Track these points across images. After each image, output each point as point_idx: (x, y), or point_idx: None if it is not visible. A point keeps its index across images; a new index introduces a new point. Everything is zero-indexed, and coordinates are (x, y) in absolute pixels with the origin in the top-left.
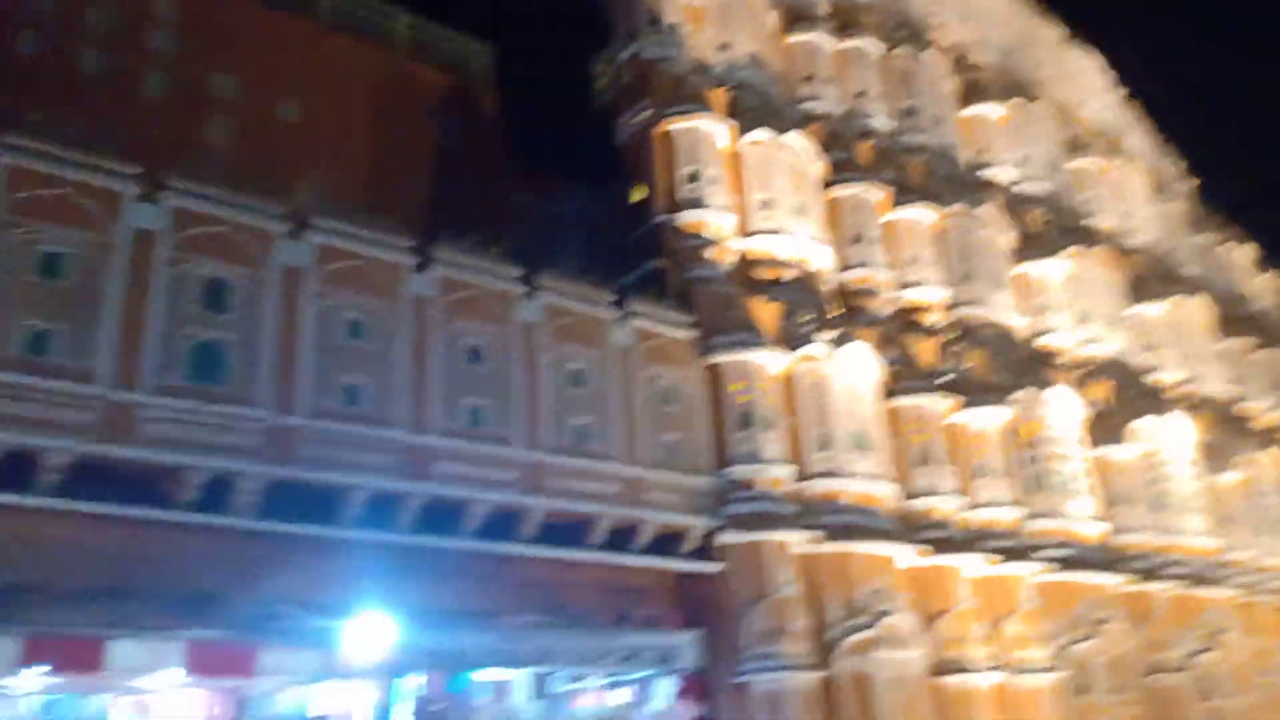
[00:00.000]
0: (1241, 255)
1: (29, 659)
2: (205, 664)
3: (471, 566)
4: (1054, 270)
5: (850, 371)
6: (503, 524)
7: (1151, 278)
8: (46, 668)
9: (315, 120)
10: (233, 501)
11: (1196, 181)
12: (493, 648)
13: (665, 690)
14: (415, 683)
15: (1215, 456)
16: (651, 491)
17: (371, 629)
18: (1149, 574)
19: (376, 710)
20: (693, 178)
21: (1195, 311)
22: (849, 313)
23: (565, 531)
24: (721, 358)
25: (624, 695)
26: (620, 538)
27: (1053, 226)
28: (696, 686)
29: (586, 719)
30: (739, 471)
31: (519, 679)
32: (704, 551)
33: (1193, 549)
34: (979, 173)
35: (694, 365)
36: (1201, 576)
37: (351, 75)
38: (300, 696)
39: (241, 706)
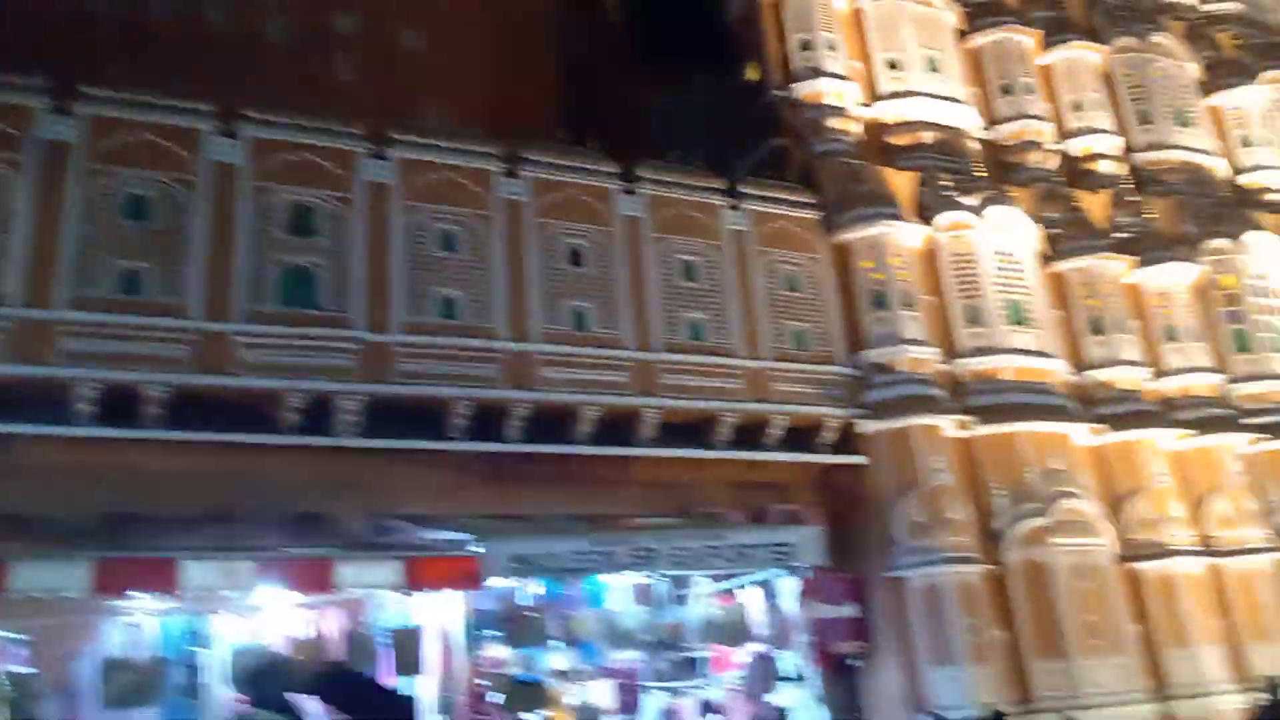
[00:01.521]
0: None
1: (101, 583)
2: (288, 579)
3: (590, 471)
4: (1253, 97)
5: (1001, 237)
6: (618, 427)
7: None
8: (121, 590)
9: (438, 45)
10: (334, 422)
11: None
12: (586, 552)
13: (788, 590)
14: (510, 589)
15: None
16: (779, 384)
17: (468, 539)
18: None
19: (468, 619)
20: (806, 45)
21: None
22: (1003, 172)
23: (688, 430)
24: (849, 234)
25: (751, 597)
26: (750, 434)
27: (1250, 48)
28: (821, 585)
29: (694, 622)
30: (876, 355)
31: (623, 584)
32: (845, 443)
33: None
34: None
35: (820, 246)
36: None
37: None
38: (403, 608)
39: (345, 619)
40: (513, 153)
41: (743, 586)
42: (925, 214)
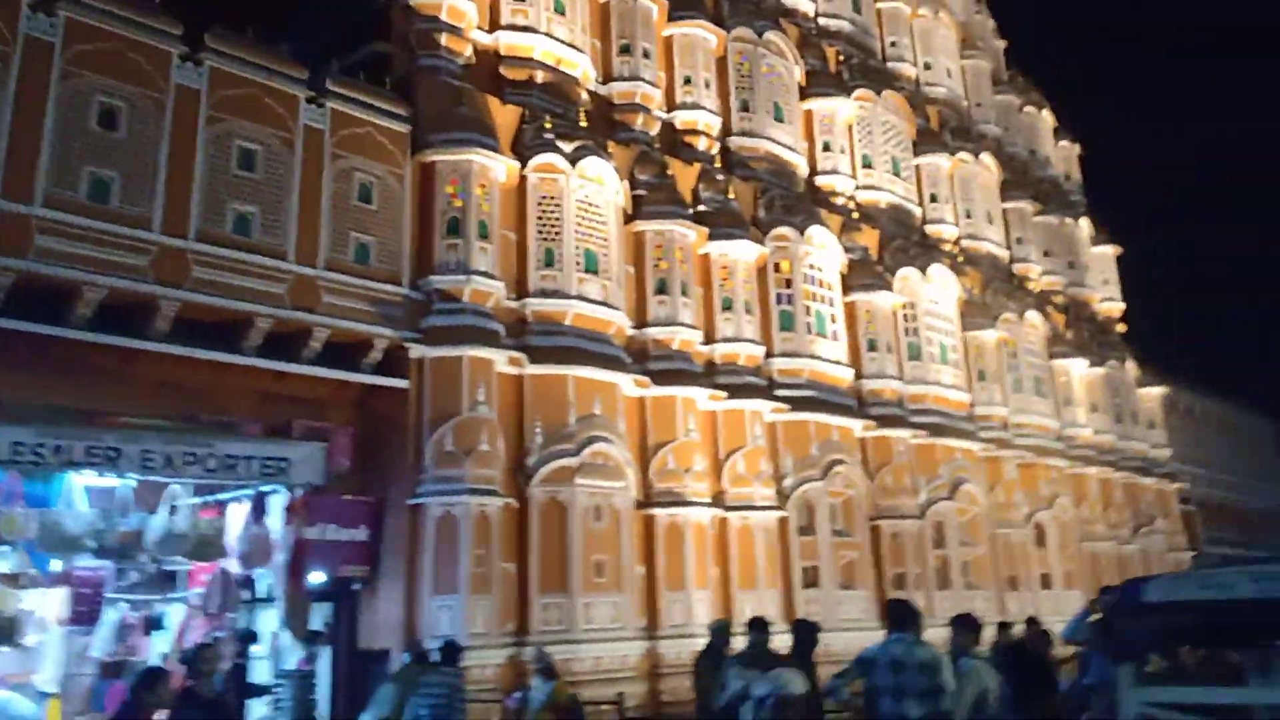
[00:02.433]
0: (1041, 121)
1: None
2: None
3: (88, 360)
4: (843, 110)
5: (591, 188)
6: (129, 315)
7: (946, 130)
8: None
9: None
10: None
11: (1005, 43)
12: (30, 444)
13: (279, 507)
14: None
15: (980, 313)
16: (330, 295)
17: None
18: (892, 420)
19: None
20: None
21: (984, 169)
22: (607, 127)
23: (216, 330)
24: (438, 155)
25: (238, 512)
26: (288, 343)
27: (850, 66)
28: (317, 504)
29: (157, 533)
30: (441, 281)
31: (80, 486)
32: (392, 365)
33: (942, 400)
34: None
35: (404, 162)
36: (948, 427)
37: None
38: None
39: None
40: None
41: (239, 500)
42: (521, 151)
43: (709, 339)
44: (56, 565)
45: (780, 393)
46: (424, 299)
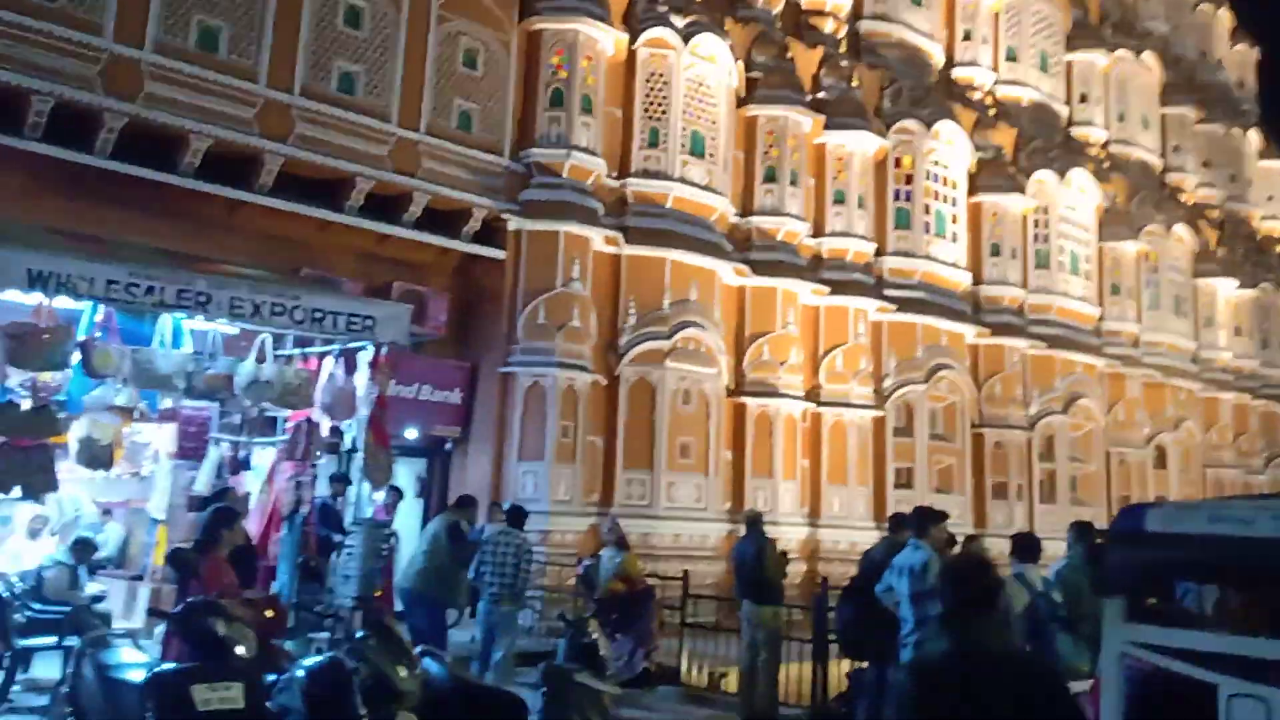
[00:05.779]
0: (1217, 20)
1: None
2: None
3: (195, 208)
4: None
5: (703, 66)
6: (234, 167)
7: (1107, 24)
8: None
9: None
10: None
11: None
12: (124, 282)
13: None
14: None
15: (1122, 224)
16: (431, 160)
17: None
18: (1008, 329)
19: None
20: None
21: (1144, 69)
22: (724, 4)
23: (316, 187)
24: (545, 23)
25: (331, 364)
26: (389, 206)
27: None
28: (406, 366)
29: (243, 377)
30: (541, 154)
31: (186, 328)
32: (490, 235)
33: (1067, 312)
34: None
35: (511, 28)
36: (1069, 340)
37: None
38: None
39: None
40: None
41: (336, 355)
42: (632, 24)
43: (818, 232)
44: (166, 403)
45: (889, 292)
46: (524, 171)
